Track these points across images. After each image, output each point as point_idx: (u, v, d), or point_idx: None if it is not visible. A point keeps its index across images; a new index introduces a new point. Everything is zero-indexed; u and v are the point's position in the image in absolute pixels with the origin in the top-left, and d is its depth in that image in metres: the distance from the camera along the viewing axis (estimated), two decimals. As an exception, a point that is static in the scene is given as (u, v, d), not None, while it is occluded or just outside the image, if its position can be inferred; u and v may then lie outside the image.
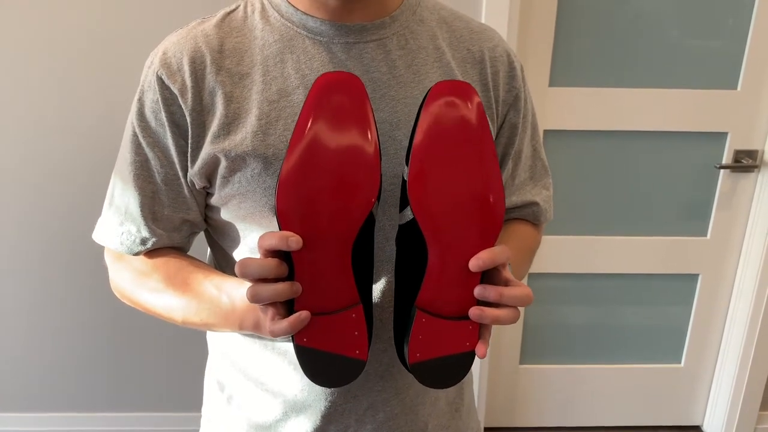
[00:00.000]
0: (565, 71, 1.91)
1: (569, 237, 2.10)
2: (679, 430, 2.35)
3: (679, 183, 2.06)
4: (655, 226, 2.10)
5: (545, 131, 1.95)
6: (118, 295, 0.82)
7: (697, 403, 2.33)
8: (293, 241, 0.57)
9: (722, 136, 2.00)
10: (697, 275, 2.17)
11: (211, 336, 0.88)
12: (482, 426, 2.21)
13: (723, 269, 2.16)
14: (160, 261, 0.78)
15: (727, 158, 2.02)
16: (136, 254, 0.78)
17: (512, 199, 0.85)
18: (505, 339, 2.18)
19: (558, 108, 1.93)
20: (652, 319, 2.23)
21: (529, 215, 0.87)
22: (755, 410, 2.22)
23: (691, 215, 2.10)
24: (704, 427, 2.35)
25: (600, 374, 2.27)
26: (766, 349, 2.14)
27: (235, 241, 0.77)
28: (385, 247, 0.74)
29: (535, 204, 0.87)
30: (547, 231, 2.09)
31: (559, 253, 2.12)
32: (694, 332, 2.24)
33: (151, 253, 0.78)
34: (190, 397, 1.91)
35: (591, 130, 1.98)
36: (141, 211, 0.75)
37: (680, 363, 2.28)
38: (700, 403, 2.33)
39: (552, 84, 1.92)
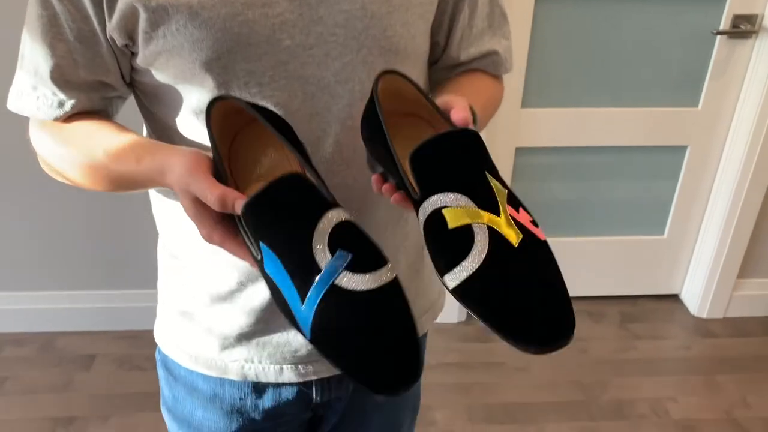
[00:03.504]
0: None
1: (555, 109, 2.06)
2: (657, 299, 2.43)
3: (673, 50, 1.99)
4: (646, 97, 2.05)
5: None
6: (47, 170, 0.77)
7: (677, 273, 2.39)
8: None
9: (722, -1, 1.91)
10: (686, 147, 2.15)
11: (160, 211, 0.84)
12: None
13: (712, 141, 2.13)
14: (86, 121, 0.72)
15: (725, 24, 1.94)
16: (57, 119, 0.71)
17: (470, 50, 0.79)
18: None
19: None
20: (638, 191, 2.24)
21: (489, 65, 0.82)
22: (732, 278, 2.28)
23: (683, 85, 2.05)
24: (682, 296, 2.42)
25: (583, 246, 2.30)
26: (747, 219, 2.17)
27: (170, 106, 0.71)
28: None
29: (494, 53, 0.81)
30: (533, 103, 2.08)
31: (545, 126, 2.08)
32: (678, 204, 2.25)
33: (72, 117, 0.72)
34: (144, 275, 1.93)
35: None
36: (51, 72, 0.68)
37: (663, 234, 2.31)
38: (680, 273, 2.39)
39: None
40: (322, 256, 0.52)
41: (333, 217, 0.54)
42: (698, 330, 2.30)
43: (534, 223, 0.55)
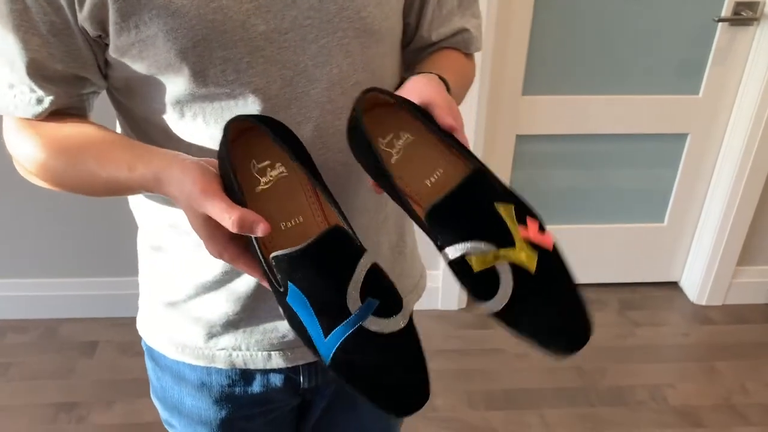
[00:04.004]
0: None
1: (555, 97, 2.06)
2: (657, 286, 2.43)
3: (674, 38, 1.98)
4: (647, 85, 2.05)
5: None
6: (25, 174, 0.74)
7: (676, 261, 2.40)
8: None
9: (723, -14, 1.90)
10: (686, 135, 2.14)
11: (138, 205, 0.83)
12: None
13: (712, 128, 2.13)
14: (68, 123, 0.70)
15: (726, 11, 1.93)
16: (36, 117, 0.69)
17: (441, 30, 0.79)
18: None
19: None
20: (638, 179, 2.24)
21: (459, 43, 0.82)
22: (732, 265, 2.28)
23: (684, 72, 2.04)
24: (681, 283, 2.43)
25: (582, 234, 2.30)
26: (747, 206, 2.17)
27: (146, 98, 0.69)
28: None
29: (465, 31, 0.81)
30: (534, 91, 2.07)
31: (546, 114, 2.08)
32: (678, 192, 2.25)
33: (51, 117, 0.70)
34: (122, 262, 1.95)
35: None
36: (27, 67, 0.65)
37: (663, 222, 2.32)
38: (680, 261, 2.39)
39: None
40: (354, 301, 0.56)
41: (365, 264, 0.58)
42: (697, 317, 2.31)
43: (541, 228, 0.61)
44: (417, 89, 0.66)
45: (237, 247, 0.60)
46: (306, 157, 0.64)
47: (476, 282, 0.59)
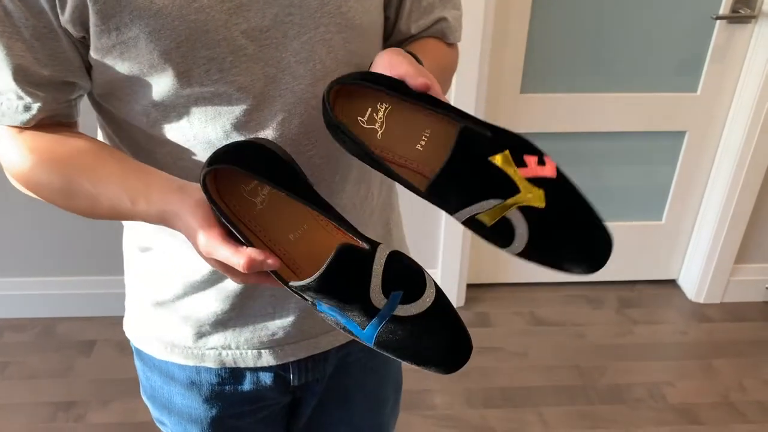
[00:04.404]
0: None
1: (554, 95, 2.05)
2: (655, 284, 2.43)
3: (672, 35, 1.98)
4: (645, 83, 2.05)
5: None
6: (16, 184, 0.73)
7: (674, 259, 2.40)
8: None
9: (722, -17, 1.90)
10: (684, 132, 2.14)
11: None
12: (465, 282, 2.27)
13: (710, 126, 2.13)
14: (60, 137, 0.69)
15: (724, 9, 1.93)
16: (24, 125, 0.69)
17: (420, 23, 0.79)
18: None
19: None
20: (636, 177, 2.24)
21: (437, 32, 0.81)
22: (730, 263, 2.28)
23: (682, 70, 2.04)
24: (679, 281, 2.43)
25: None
26: (745, 204, 2.17)
27: (129, 102, 0.68)
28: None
29: (443, 19, 0.81)
30: (532, 89, 2.07)
31: (544, 111, 2.07)
32: (676, 190, 2.25)
33: (40, 128, 0.69)
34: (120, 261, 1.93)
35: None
36: (14, 74, 0.64)
37: (661, 220, 2.32)
38: (678, 259, 2.40)
39: None
40: (379, 300, 0.59)
41: (380, 260, 0.60)
42: (695, 315, 2.31)
43: (540, 160, 0.62)
44: (382, 63, 0.65)
45: (257, 273, 0.61)
46: (281, 174, 0.63)
47: (493, 233, 0.62)
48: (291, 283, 0.59)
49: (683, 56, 2.02)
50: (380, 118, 0.65)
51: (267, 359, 0.84)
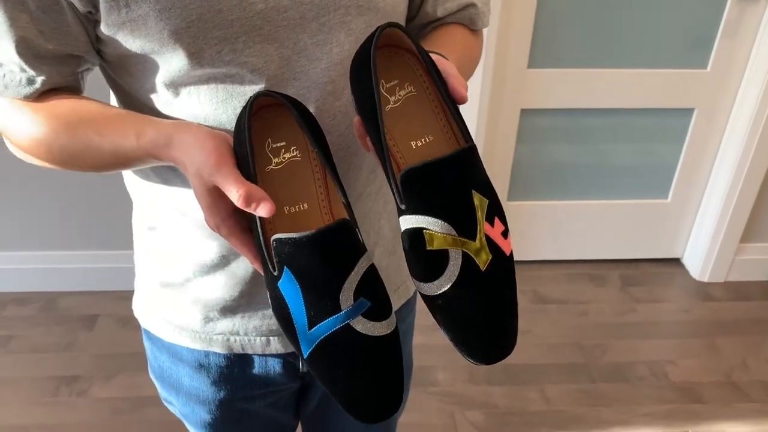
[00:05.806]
0: None
1: (561, 70, 2.03)
2: (659, 263, 2.43)
3: (683, 11, 1.94)
4: (654, 58, 2.02)
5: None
6: (16, 152, 0.72)
7: (679, 237, 2.38)
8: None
9: (735, -43, 1.86)
10: (693, 110, 2.12)
11: (134, 185, 0.81)
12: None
13: (719, 103, 2.11)
14: (64, 99, 0.67)
15: (737, -17, 1.90)
16: (27, 98, 0.67)
17: (447, 5, 0.76)
18: (491, 176, 2.17)
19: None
20: (642, 154, 2.21)
21: (465, 18, 0.78)
22: (735, 242, 2.27)
23: (692, 46, 2.01)
24: (684, 260, 2.42)
25: (585, 209, 2.29)
26: (752, 183, 2.15)
27: (140, 78, 0.67)
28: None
29: (472, 5, 0.78)
30: (539, 64, 2.04)
31: (551, 87, 2.05)
32: (683, 168, 2.23)
33: (44, 95, 0.67)
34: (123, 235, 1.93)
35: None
36: (17, 46, 0.62)
37: (667, 198, 2.30)
38: (682, 237, 2.38)
39: None
40: (346, 299, 0.55)
41: (363, 264, 0.57)
42: (699, 294, 2.31)
43: (505, 233, 0.59)
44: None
45: (235, 222, 0.58)
46: (324, 144, 0.62)
47: (422, 259, 0.57)
48: (278, 235, 0.55)
49: (694, 31, 1.99)
50: (401, 95, 0.62)
51: (275, 347, 0.83)
